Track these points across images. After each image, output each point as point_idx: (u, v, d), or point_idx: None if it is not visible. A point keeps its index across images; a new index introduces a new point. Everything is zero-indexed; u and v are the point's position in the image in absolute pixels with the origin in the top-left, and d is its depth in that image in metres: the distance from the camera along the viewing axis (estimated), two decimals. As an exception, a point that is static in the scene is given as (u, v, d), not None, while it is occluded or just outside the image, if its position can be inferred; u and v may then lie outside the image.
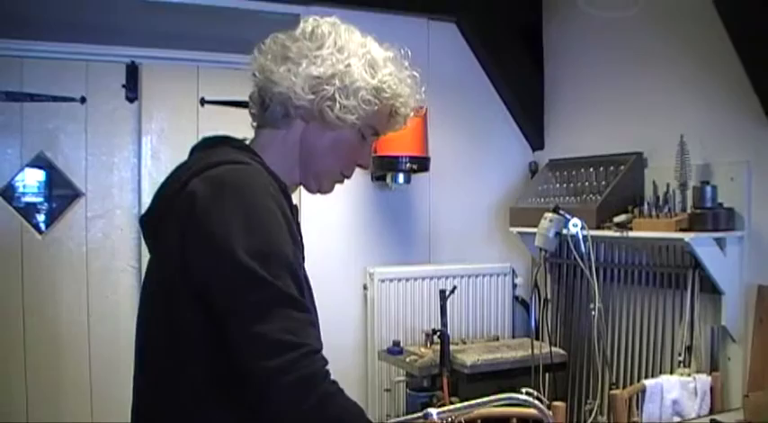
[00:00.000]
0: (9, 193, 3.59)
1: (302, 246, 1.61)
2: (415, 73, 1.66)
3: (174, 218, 1.42)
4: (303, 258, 1.62)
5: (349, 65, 1.53)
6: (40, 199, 3.71)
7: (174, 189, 1.46)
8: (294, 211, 1.58)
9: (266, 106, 1.59)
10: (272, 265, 1.33)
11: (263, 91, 1.58)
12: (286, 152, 1.59)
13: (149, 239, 1.55)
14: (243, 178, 1.43)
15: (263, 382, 1.31)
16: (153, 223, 1.53)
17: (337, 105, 1.53)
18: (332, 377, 1.36)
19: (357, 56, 1.55)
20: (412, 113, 1.67)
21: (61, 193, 3.72)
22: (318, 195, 1.72)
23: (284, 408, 1.30)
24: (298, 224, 1.62)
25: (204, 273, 1.36)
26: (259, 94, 1.60)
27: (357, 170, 1.70)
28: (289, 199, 1.55)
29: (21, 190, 3.64)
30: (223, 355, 1.35)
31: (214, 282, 1.35)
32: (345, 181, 1.70)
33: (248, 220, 1.36)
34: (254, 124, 1.65)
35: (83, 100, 3.69)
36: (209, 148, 1.58)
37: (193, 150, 1.61)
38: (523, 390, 3.24)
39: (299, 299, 1.35)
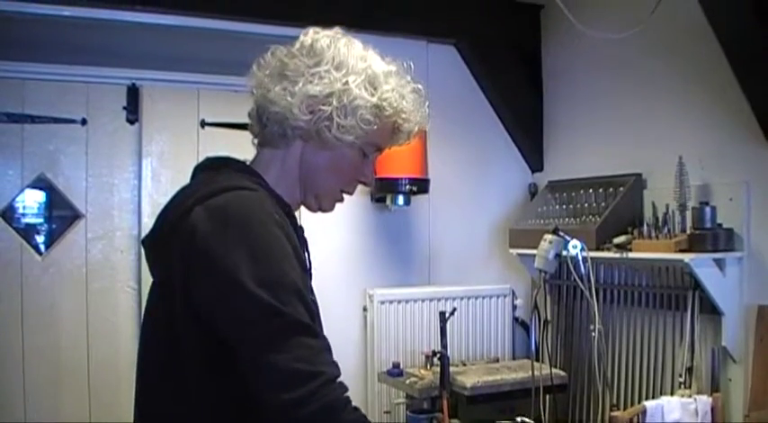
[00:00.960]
0: (9, 214, 3.59)
1: (310, 266, 1.60)
2: (419, 86, 1.61)
3: (176, 246, 1.40)
4: (311, 278, 1.62)
5: (347, 83, 1.49)
6: (40, 220, 3.71)
7: (176, 215, 1.44)
8: (300, 232, 1.57)
9: (264, 124, 1.56)
10: (281, 293, 1.30)
11: (261, 109, 1.55)
12: (286, 172, 1.57)
13: (151, 263, 1.53)
14: (247, 206, 1.40)
15: (282, 415, 1.27)
16: (155, 248, 1.51)
17: (335, 125, 1.49)
18: (353, 404, 1.33)
19: (356, 72, 1.51)
20: (416, 128, 1.62)
21: (61, 214, 3.72)
22: (319, 217, 1.70)
23: None
24: (305, 244, 1.62)
25: (210, 304, 1.33)
26: (257, 112, 1.57)
27: (357, 192, 1.68)
28: (294, 221, 1.53)
29: (21, 211, 3.64)
30: (227, 381, 1.34)
31: (222, 313, 1.32)
32: (345, 203, 1.68)
33: (254, 250, 1.33)
34: (255, 142, 1.62)
35: (83, 121, 3.70)
36: (212, 169, 1.56)
37: (196, 171, 1.59)
38: (518, 419, 3.24)
39: (311, 325, 1.32)
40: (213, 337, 1.33)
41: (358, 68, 1.51)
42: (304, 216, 1.71)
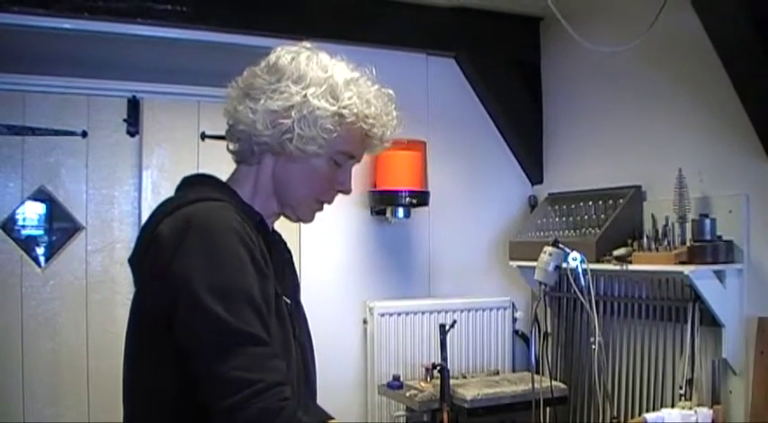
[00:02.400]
0: (10, 225, 3.60)
1: (294, 275, 1.65)
2: (388, 91, 1.63)
3: (148, 257, 1.46)
4: (296, 286, 1.68)
5: (306, 95, 1.52)
6: (40, 232, 3.70)
7: (149, 229, 1.49)
8: (274, 240, 1.62)
9: (236, 142, 1.61)
10: (230, 303, 1.34)
11: (232, 128, 1.60)
12: (260, 186, 1.61)
13: (134, 277, 1.57)
14: (208, 216, 1.44)
15: (221, 421, 1.32)
16: (136, 262, 1.55)
17: (296, 137, 1.52)
18: (293, 411, 1.34)
19: (317, 84, 1.54)
20: (388, 132, 1.62)
21: (61, 226, 3.72)
22: (319, 230, 1.72)
23: None
24: (288, 252, 1.70)
25: (169, 310, 1.37)
26: (230, 131, 1.62)
27: (357, 205, 1.71)
28: (264, 231, 1.57)
29: (21, 223, 3.64)
30: (191, 383, 1.37)
31: (177, 322, 1.36)
32: (345, 216, 1.70)
33: (209, 259, 1.37)
34: (233, 159, 1.67)
35: (84, 134, 3.71)
36: (188, 187, 1.61)
37: (177, 190, 1.63)
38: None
39: (257, 335, 1.35)
40: (179, 349, 1.37)
41: (319, 80, 1.54)
42: (304, 229, 1.72)
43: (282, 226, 1.71)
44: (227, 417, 1.30)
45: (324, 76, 1.55)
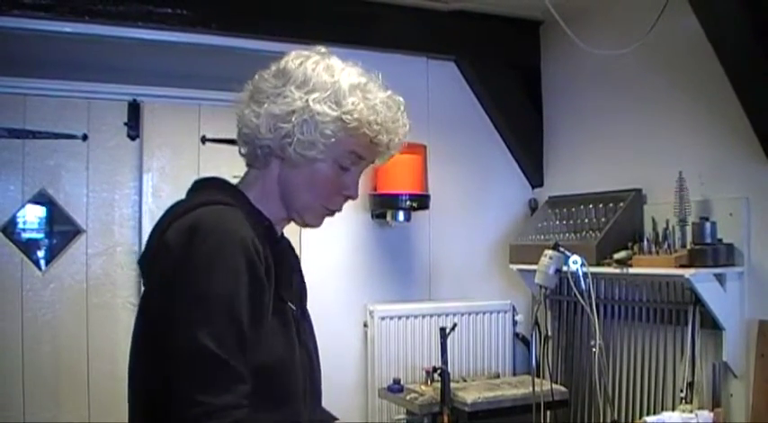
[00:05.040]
0: (10, 229, 3.60)
1: (302, 279, 1.65)
2: (395, 98, 1.60)
3: (157, 260, 1.45)
4: (304, 293, 1.69)
5: (308, 100, 1.51)
6: (40, 235, 3.70)
7: (159, 232, 1.49)
8: (282, 246, 1.62)
9: (244, 146, 1.62)
10: (207, 315, 1.33)
11: (239, 131, 1.61)
12: (266, 190, 1.60)
13: (144, 279, 1.57)
14: (214, 221, 1.43)
15: None
16: (145, 264, 1.55)
17: (296, 141, 1.52)
18: None
19: (321, 89, 1.52)
20: (396, 139, 1.60)
21: (62, 229, 3.72)
22: (320, 233, 1.71)
23: None
24: (296, 258, 1.69)
25: (167, 318, 1.37)
26: (238, 134, 1.62)
27: (357, 208, 1.70)
28: (271, 235, 1.57)
29: (22, 226, 3.64)
30: None
31: (163, 323, 1.37)
32: (346, 219, 1.69)
33: (204, 266, 1.36)
34: (245, 162, 1.67)
35: (84, 137, 3.71)
36: (199, 189, 1.61)
37: (188, 193, 1.63)
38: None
39: (218, 354, 1.32)
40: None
41: (323, 85, 1.53)
42: (305, 233, 1.72)
43: (285, 229, 1.71)
44: None
45: (330, 81, 1.53)
